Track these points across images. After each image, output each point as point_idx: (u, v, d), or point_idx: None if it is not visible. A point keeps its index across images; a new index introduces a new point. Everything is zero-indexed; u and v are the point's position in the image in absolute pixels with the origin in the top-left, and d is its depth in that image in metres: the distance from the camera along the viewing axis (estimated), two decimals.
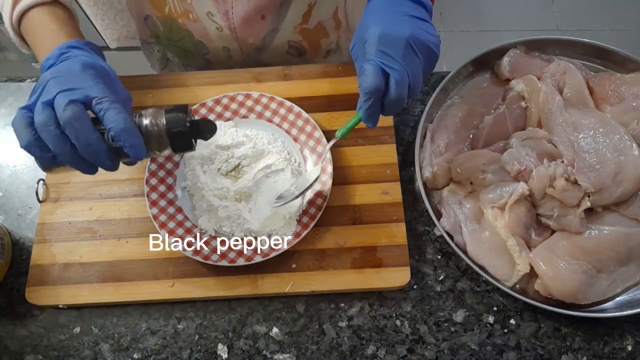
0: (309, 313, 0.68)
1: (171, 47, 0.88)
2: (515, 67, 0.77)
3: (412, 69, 0.55)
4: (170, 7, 0.79)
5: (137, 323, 0.68)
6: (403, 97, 0.55)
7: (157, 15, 0.83)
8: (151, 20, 0.86)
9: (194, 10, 0.78)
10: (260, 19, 0.77)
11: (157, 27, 0.85)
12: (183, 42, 0.85)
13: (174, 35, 0.84)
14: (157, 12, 0.82)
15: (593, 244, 0.65)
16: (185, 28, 0.81)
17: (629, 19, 2.05)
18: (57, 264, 0.70)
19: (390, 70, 0.54)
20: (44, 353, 0.67)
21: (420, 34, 0.55)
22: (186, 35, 0.83)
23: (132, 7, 0.86)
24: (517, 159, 0.67)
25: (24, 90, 0.82)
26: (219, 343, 0.67)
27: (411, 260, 0.69)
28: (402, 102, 0.56)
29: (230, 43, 0.82)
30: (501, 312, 0.67)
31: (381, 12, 0.57)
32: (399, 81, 0.54)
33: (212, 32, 0.80)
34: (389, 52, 0.54)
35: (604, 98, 0.73)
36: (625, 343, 0.65)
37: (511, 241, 0.66)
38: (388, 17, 0.56)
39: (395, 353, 0.65)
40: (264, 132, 0.76)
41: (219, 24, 0.78)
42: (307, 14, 0.78)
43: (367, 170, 0.74)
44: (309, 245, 0.69)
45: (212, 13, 0.76)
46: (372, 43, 0.55)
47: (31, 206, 0.76)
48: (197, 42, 0.83)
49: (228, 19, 0.77)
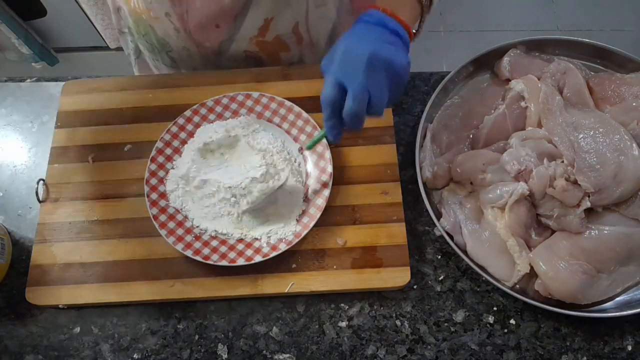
0: (309, 313, 0.68)
1: (140, 40, 0.88)
2: (515, 67, 0.77)
3: (374, 85, 0.56)
4: (134, 2, 0.79)
5: (137, 323, 0.68)
6: (360, 111, 0.56)
7: (125, 8, 0.83)
8: (122, 11, 0.86)
9: (154, 9, 0.78)
10: (215, 27, 0.77)
11: (127, 19, 0.85)
12: (149, 37, 0.84)
13: (141, 29, 0.83)
14: (124, 4, 0.82)
15: (593, 244, 0.65)
16: (149, 24, 0.81)
17: (629, 19, 2.05)
18: (57, 264, 0.70)
19: (348, 84, 0.56)
20: (43, 353, 0.67)
21: (382, 52, 0.56)
22: (150, 31, 0.83)
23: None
24: (517, 159, 0.67)
25: (23, 90, 0.82)
26: (219, 343, 0.67)
27: (411, 260, 0.69)
28: (359, 116, 0.57)
29: (189, 45, 0.81)
30: (501, 312, 0.67)
31: (352, 34, 0.59)
32: (355, 95, 0.55)
33: (171, 32, 0.80)
34: (349, 67, 0.56)
35: (604, 98, 0.73)
36: (625, 343, 0.65)
37: (511, 241, 0.66)
38: (356, 37, 0.58)
39: (395, 353, 0.65)
40: (264, 132, 0.76)
41: (176, 25, 0.78)
42: (263, 27, 0.77)
43: (367, 170, 0.74)
44: (309, 245, 0.69)
45: (170, 14, 0.76)
46: (336, 59, 0.57)
47: (31, 206, 0.76)
48: (160, 39, 0.83)
49: (184, 22, 0.77)
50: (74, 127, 0.79)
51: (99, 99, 0.80)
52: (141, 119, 0.79)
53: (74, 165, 0.76)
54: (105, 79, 0.83)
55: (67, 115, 0.79)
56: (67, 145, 0.77)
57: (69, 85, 0.82)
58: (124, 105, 0.80)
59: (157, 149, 0.74)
